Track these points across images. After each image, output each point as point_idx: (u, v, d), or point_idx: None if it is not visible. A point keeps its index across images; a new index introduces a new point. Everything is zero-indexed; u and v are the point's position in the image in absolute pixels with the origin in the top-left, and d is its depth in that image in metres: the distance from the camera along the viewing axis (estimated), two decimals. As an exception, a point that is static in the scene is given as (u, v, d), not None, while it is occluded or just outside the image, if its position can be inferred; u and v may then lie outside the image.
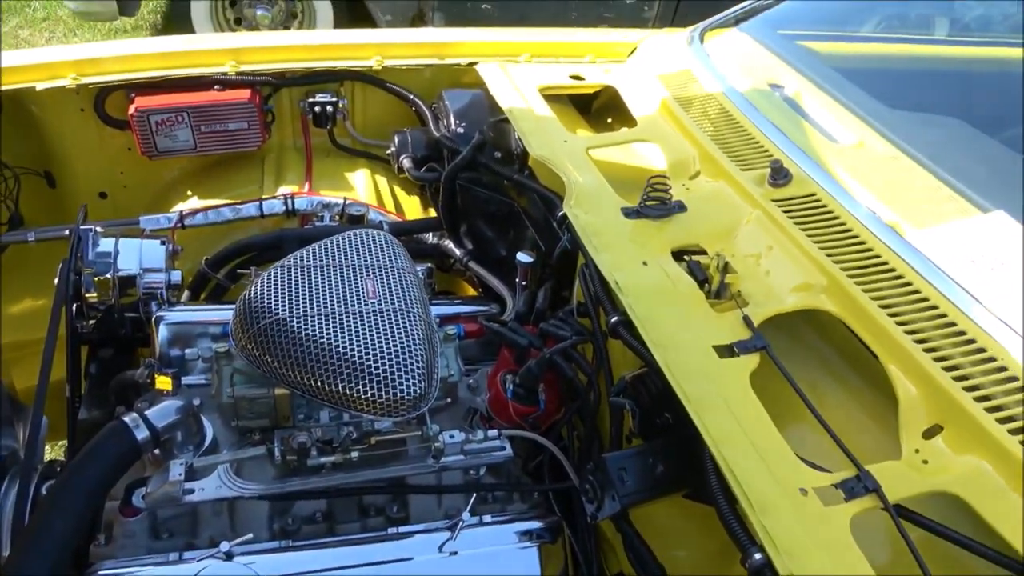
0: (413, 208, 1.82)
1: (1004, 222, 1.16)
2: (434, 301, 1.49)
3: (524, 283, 1.37)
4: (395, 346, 0.98)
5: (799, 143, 1.36)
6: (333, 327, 0.99)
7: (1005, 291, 1.03)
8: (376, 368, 0.96)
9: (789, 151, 1.34)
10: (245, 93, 1.62)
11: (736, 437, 0.89)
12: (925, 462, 0.90)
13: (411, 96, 1.73)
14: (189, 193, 1.71)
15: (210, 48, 1.64)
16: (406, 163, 1.66)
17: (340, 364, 0.96)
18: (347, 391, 0.95)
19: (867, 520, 0.84)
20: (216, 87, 1.61)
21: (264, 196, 1.65)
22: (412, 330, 1.01)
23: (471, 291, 1.74)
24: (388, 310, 1.03)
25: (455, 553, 1.05)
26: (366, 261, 1.11)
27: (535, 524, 1.10)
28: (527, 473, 1.23)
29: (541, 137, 1.46)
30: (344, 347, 0.97)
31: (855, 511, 0.83)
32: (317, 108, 1.71)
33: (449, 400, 1.17)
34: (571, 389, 1.18)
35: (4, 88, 1.50)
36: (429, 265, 1.49)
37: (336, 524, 1.11)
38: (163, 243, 1.40)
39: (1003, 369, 0.94)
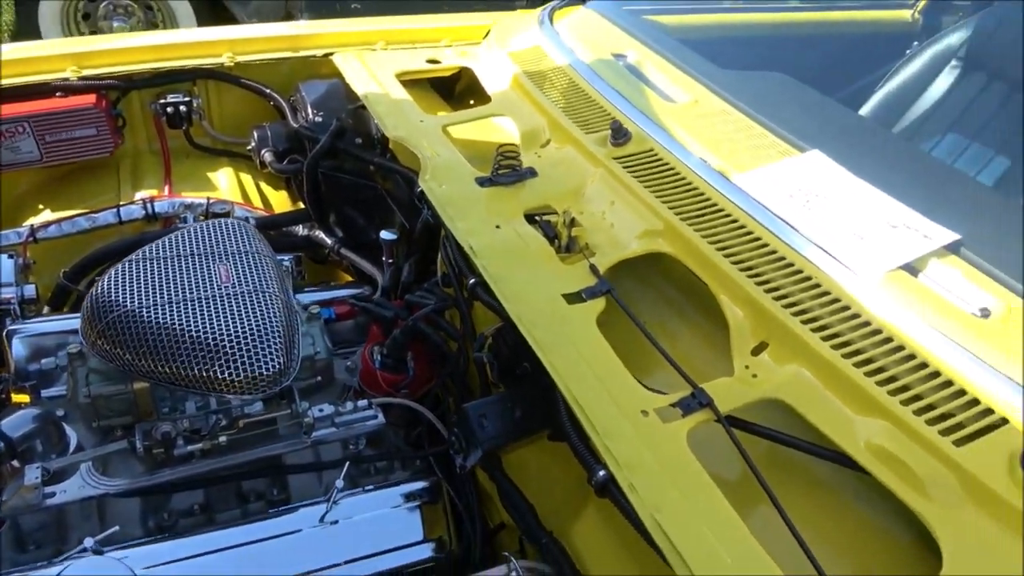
0: (281, 202, 1.82)
1: (819, 160, 1.27)
2: (307, 289, 1.50)
3: (391, 260, 1.39)
4: (251, 325, 0.99)
5: (638, 105, 1.44)
6: (185, 313, 0.99)
7: (819, 220, 1.14)
8: (232, 348, 0.97)
9: (629, 113, 1.42)
10: (90, 98, 1.57)
11: (582, 372, 0.95)
12: (754, 376, 0.98)
13: (267, 91, 1.73)
14: (41, 206, 1.65)
15: (49, 54, 1.58)
16: (267, 157, 1.66)
17: (195, 348, 0.96)
18: (205, 374, 0.96)
19: (706, 432, 0.92)
20: (58, 94, 1.56)
21: (122, 203, 1.60)
22: (268, 309, 1.02)
23: (349, 279, 1.75)
24: (242, 292, 1.04)
25: (336, 522, 1.07)
26: (218, 248, 1.11)
27: (414, 486, 1.13)
28: (409, 443, 1.26)
29: (397, 119, 1.49)
30: (198, 331, 0.97)
31: (691, 425, 0.91)
32: (170, 109, 1.67)
33: (320, 379, 1.19)
34: (440, 354, 1.21)
35: None
36: (297, 254, 1.49)
37: (215, 514, 1.11)
38: (11, 257, 1.35)
39: (818, 286, 1.04)
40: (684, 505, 0.80)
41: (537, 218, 1.24)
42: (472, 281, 1.12)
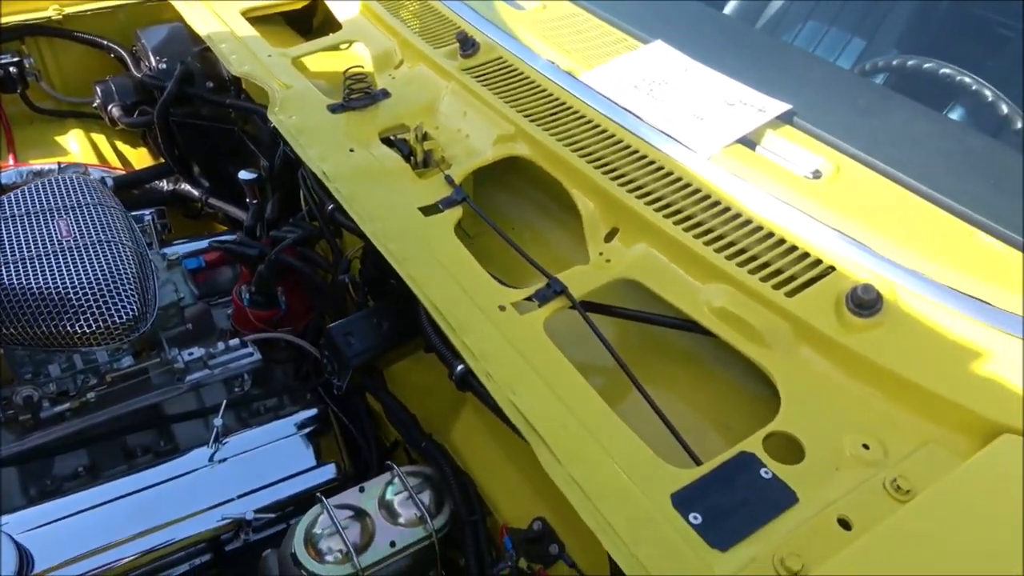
0: (142, 159, 1.74)
1: (662, 50, 1.30)
2: (175, 241, 1.46)
3: (255, 201, 1.36)
4: (98, 275, 0.96)
5: (486, 15, 1.43)
6: (25, 271, 0.95)
7: (661, 107, 1.17)
8: (80, 300, 0.94)
9: (477, 23, 1.41)
10: (-96, 68, 1.45)
11: (439, 277, 0.96)
12: (608, 260, 1.02)
13: (105, 42, 1.63)
14: None
15: None
16: (116, 112, 1.58)
17: (40, 304, 0.93)
18: (55, 329, 0.93)
19: (568, 319, 0.95)
20: None
21: (-38, 178, 1.50)
22: (115, 257, 0.99)
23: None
24: (86, 244, 1.00)
25: (224, 460, 1.07)
26: (57, 204, 1.07)
27: (301, 415, 1.14)
28: (298, 379, 1.26)
29: (243, 55, 1.44)
30: (40, 287, 0.94)
31: (548, 313, 0.94)
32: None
33: (191, 327, 1.17)
34: (313, 285, 1.21)
35: None
36: (160, 208, 1.44)
37: (102, 473, 1.09)
38: None
39: (661, 168, 1.08)
40: (539, 385, 0.84)
41: (392, 138, 1.23)
42: (329, 208, 1.11)
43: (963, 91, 1.25)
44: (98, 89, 1.59)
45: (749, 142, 1.11)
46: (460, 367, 0.86)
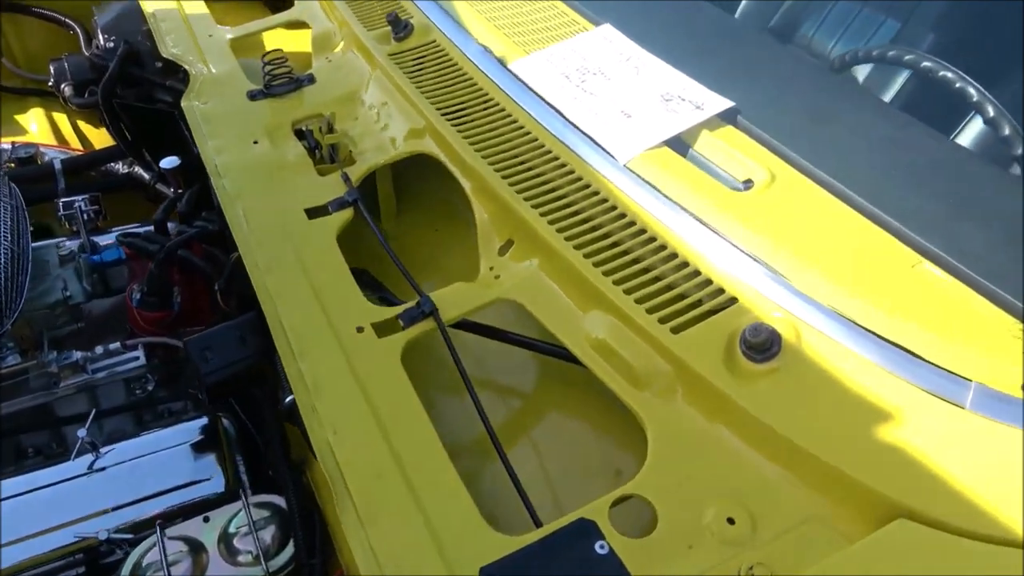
0: (104, 139, 1.71)
1: (608, 34, 1.16)
2: (113, 228, 1.42)
3: (179, 191, 1.30)
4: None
5: (428, -9, 1.32)
6: None
7: (589, 101, 1.04)
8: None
9: (421, 2, 1.30)
10: None
11: (299, 291, 0.88)
12: (497, 276, 0.91)
13: (64, 19, 1.59)
14: None
15: None
16: (67, 91, 1.54)
17: None
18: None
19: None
20: None
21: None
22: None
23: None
24: (-49, 239, 0.96)
25: (103, 469, 1.02)
26: (-60, 194, 1.03)
27: (188, 425, 1.08)
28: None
29: (180, 35, 1.37)
30: None
31: (413, 335, 0.84)
32: (-45, 49, 1.56)
33: (83, 325, 1.12)
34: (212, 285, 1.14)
35: None
36: (95, 194, 1.40)
37: None
38: None
39: (572, 172, 0.96)
40: (369, 427, 0.74)
41: (304, 129, 1.14)
42: (217, 203, 1.04)
43: (962, 98, 1.07)
44: (52, 67, 1.56)
45: (680, 144, 0.98)
46: (288, 399, 0.78)
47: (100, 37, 1.50)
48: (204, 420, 1.10)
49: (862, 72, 1.73)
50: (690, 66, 1.07)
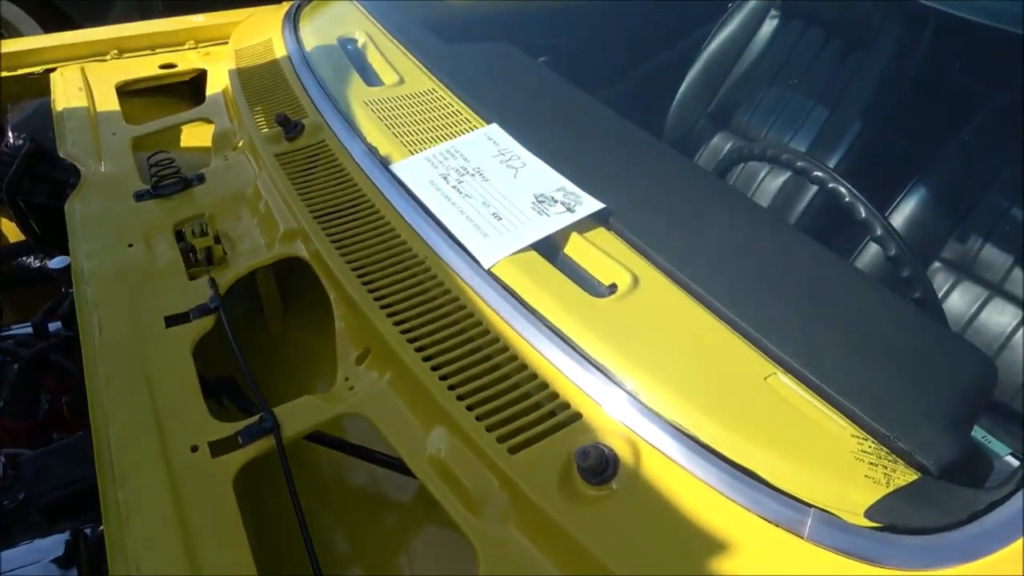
0: (18, 234, 1.69)
1: (495, 133, 1.16)
2: (13, 326, 1.38)
3: (71, 290, 1.27)
4: None
5: (333, 92, 1.33)
6: None
7: (460, 203, 1.03)
8: None
9: (319, 102, 1.30)
10: None
11: (136, 406, 0.84)
12: (351, 388, 0.88)
13: (-21, 116, 1.60)
14: None
15: None
16: (-24, 187, 1.53)
17: None
18: None
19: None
20: None
21: None
22: None
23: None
24: None
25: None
26: None
27: (56, 539, 1.02)
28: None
29: (81, 134, 1.37)
30: None
31: (250, 456, 0.80)
32: None
33: (-58, 433, 1.07)
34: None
35: None
36: (-11, 291, 1.37)
37: None
38: None
39: (434, 277, 0.93)
40: (178, 559, 0.69)
41: (183, 230, 1.12)
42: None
43: (826, 190, 1.06)
44: (-40, 165, 1.55)
45: (550, 248, 0.96)
46: (90, 530, 0.73)
47: (10, 135, 1.51)
48: (66, 534, 1.04)
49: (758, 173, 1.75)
50: (570, 167, 1.06)
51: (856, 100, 1.97)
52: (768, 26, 2.27)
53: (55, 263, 1.26)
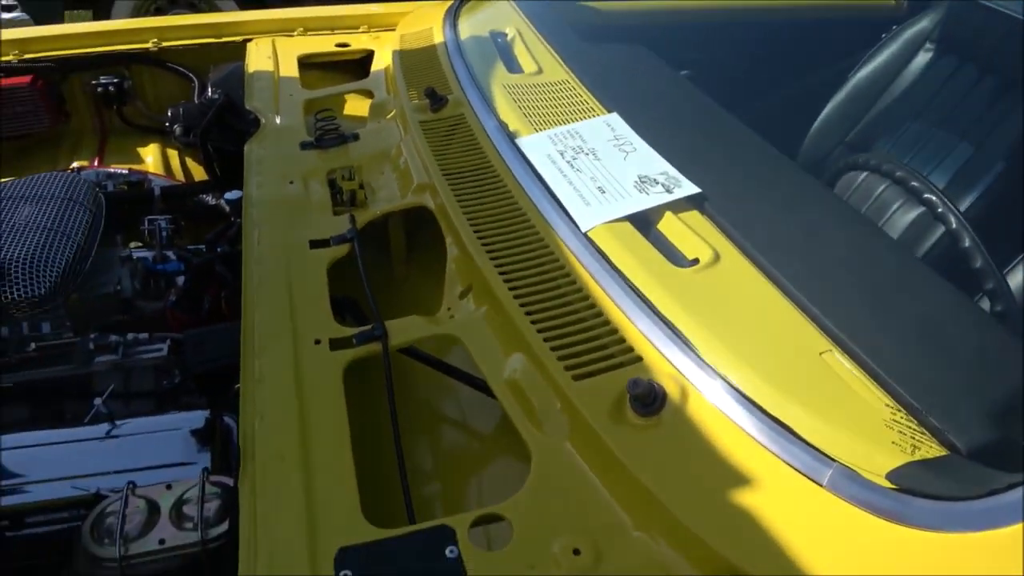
0: (203, 175, 1.97)
1: (614, 122, 1.28)
2: (188, 246, 1.64)
3: (239, 220, 1.50)
4: (28, 256, 1.13)
5: (477, 74, 1.48)
6: (-19, 242, 1.15)
7: (571, 175, 1.15)
8: (10, 272, 1.11)
9: (464, 81, 1.47)
10: (27, 78, 1.79)
11: (277, 303, 1.02)
12: (452, 316, 1.02)
13: (188, 73, 1.90)
14: (-4, 176, 1.89)
15: (-5, 41, 1.83)
16: (177, 131, 1.81)
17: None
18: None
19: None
20: (1, 74, 1.79)
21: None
22: (50, 245, 1.16)
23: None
24: (34, 228, 1.18)
25: (115, 437, 1.18)
26: (41, 193, 1.27)
27: (188, 415, 1.23)
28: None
29: (266, 92, 1.61)
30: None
31: (360, 355, 0.95)
32: (100, 89, 1.88)
33: (127, 317, 1.31)
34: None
35: None
36: (174, 216, 1.63)
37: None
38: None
39: (536, 233, 1.06)
40: (292, 418, 0.85)
41: (334, 176, 1.31)
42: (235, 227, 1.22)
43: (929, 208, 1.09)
44: (169, 111, 1.85)
45: (644, 221, 1.06)
46: (236, 386, 0.91)
47: (209, 90, 1.78)
48: (207, 412, 1.25)
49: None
50: (676, 156, 1.15)
51: (1002, 141, 1.91)
52: (921, 58, 2.23)
53: (230, 195, 1.49)
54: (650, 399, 0.79)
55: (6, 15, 4.10)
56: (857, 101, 2.25)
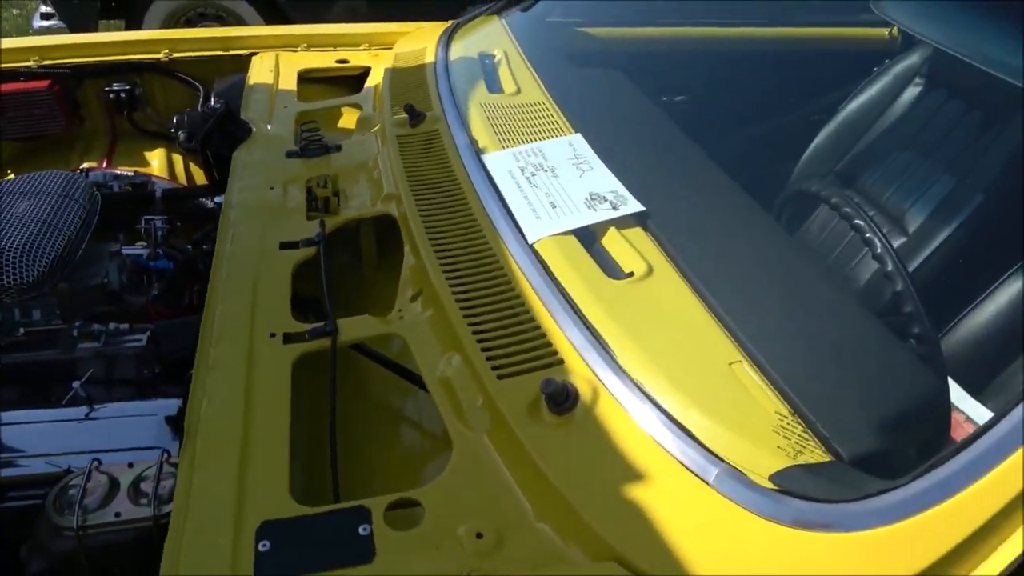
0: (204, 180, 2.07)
1: (576, 142, 1.34)
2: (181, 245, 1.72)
3: (226, 222, 1.59)
4: (19, 246, 1.22)
5: (457, 93, 1.56)
6: (-26, 232, 1.24)
7: (527, 189, 1.21)
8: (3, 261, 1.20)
9: (444, 99, 1.54)
10: (45, 83, 1.91)
11: (241, 298, 1.09)
12: (401, 317, 1.08)
13: (194, 83, 2.00)
14: (11, 173, 2.00)
15: (17, 47, 1.94)
16: (181, 137, 1.91)
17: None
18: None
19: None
20: (22, 78, 1.91)
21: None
22: (41, 237, 1.25)
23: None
24: (29, 222, 1.27)
25: (93, 419, 1.25)
26: (39, 189, 1.36)
27: (169, 402, 1.30)
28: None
29: (262, 103, 1.71)
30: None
31: (311, 349, 1.02)
32: (112, 95, 1.99)
33: (112, 308, 1.40)
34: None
35: None
36: (167, 216, 1.72)
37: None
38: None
39: (485, 243, 1.12)
40: (238, 401, 0.92)
41: (312, 183, 1.39)
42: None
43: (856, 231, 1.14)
44: (175, 118, 1.95)
45: (588, 235, 1.12)
46: (190, 372, 0.98)
47: (212, 99, 1.88)
48: (180, 400, 1.32)
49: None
50: (628, 176, 1.22)
51: (984, 175, 1.95)
52: (911, 92, 2.27)
53: (220, 198, 1.58)
54: (562, 398, 0.85)
55: (44, 23, 4.29)
56: (846, 132, 2.29)
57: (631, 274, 1.04)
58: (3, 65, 1.91)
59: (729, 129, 2.17)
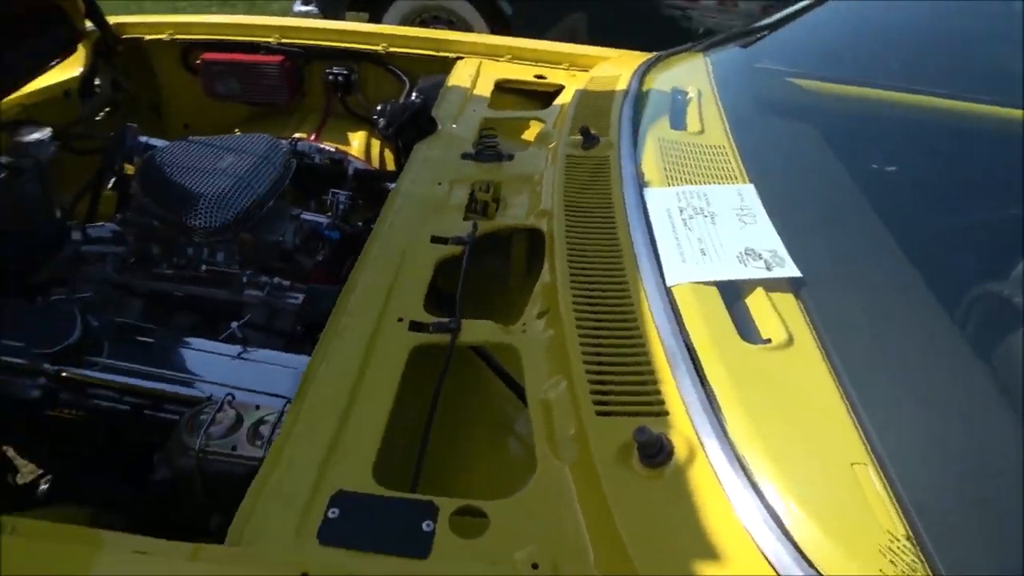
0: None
1: (745, 192, 1.28)
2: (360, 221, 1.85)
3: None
4: (213, 196, 1.38)
5: (642, 124, 1.54)
6: (181, 175, 1.41)
7: (680, 231, 1.17)
8: (197, 205, 1.36)
9: (624, 129, 1.53)
10: (279, 58, 2.13)
11: (382, 278, 1.15)
12: (524, 331, 1.09)
13: (403, 76, 2.14)
14: (237, 131, 2.26)
15: (265, 24, 2.19)
16: (380, 123, 2.05)
17: (175, 197, 1.37)
18: (181, 220, 1.36)
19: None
20: (262, 51, 2.15)
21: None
22: (233, 191, 1.40)
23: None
24: (227, 174, 1.43)
25: (243, 358, 1.37)
26: (246, 150, 1.53)
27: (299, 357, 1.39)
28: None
29: (454, 105, 1.79)
30: (191, 189, 1.38)
31: (431, 341, 1.06)
32: (331, 77, 2.18)
33: (284, 265, 1.53)
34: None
35: (124, 36, 2.16)
36: (350, 192, 1.85)
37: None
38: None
39: (623, 275, 1.10)
40: (351, 374, 0.97)
41: (475, 187, 1.44)
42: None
43: None
44: (378, 107, 2.10)
45: (732, 290, 1.06)
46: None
47: (413, 94, 2.00)
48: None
49: None
50: (794, 238, 1.14)
51: None
52: None
53: (390, 185, 1.67)
54: (654, 450, 0.81)
55: (303, 7, 4.80)
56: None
57: (768, 340, 0.97)
58: (250, 39, 2.17)
59: (930, 211, 1.97)
